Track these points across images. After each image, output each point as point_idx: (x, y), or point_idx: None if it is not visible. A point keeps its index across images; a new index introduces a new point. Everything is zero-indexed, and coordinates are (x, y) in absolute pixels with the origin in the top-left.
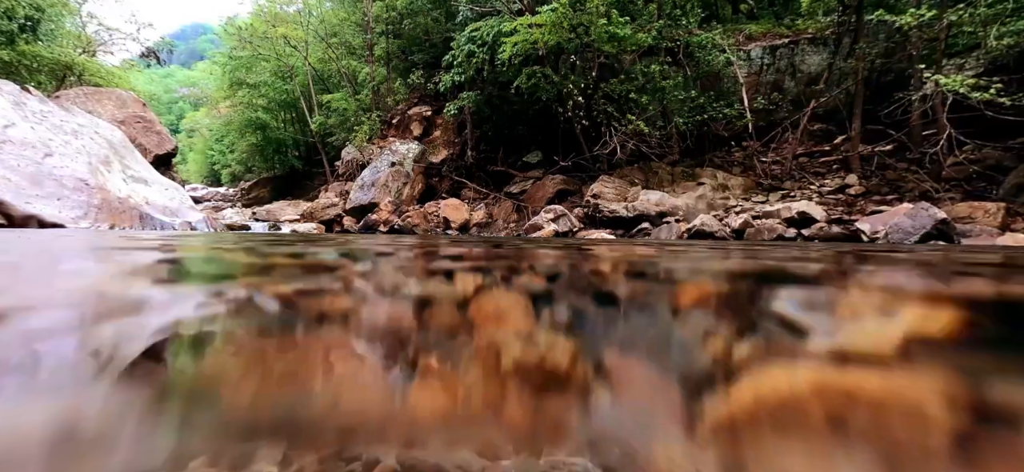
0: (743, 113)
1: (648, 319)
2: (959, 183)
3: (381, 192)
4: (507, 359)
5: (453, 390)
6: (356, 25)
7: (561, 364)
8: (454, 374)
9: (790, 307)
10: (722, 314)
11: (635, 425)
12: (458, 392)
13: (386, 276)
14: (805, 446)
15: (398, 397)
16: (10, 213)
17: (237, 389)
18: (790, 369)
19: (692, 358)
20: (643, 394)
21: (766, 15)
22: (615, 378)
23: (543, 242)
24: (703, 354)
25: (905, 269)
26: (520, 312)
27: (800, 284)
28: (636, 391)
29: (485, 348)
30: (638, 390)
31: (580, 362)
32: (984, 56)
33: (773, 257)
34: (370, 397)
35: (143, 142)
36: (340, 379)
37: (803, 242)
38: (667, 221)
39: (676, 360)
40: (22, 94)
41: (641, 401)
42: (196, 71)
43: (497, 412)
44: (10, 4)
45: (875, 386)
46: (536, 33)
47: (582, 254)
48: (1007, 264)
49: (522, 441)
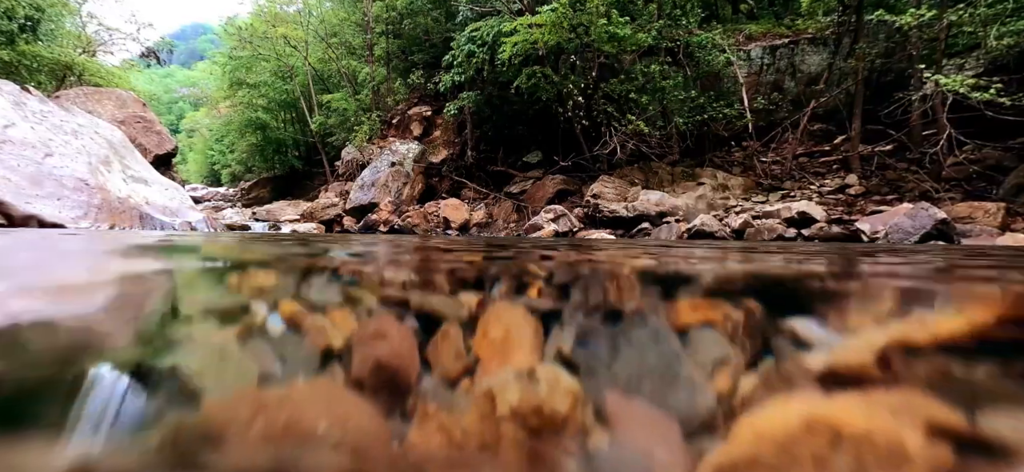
0: (743, 113)
1: (644, 338)
2: (959, 183)
3: (381, 192)
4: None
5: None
6: (356, 25)
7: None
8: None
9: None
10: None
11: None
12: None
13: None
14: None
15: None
16: (10, 213)
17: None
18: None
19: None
20: (640, 432)
21: (766, 15)
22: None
23: (543, 241)
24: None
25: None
26: (510, 325)
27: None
28: (633, 428)
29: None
30: (635, 428)
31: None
32: (984, 56)
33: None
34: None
35: (143, 142)
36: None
37: (803, 242)
38: (667, 221)
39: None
40: (22, 94)
41: (638, 438)
42: (196, 71)
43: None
44: (10, 4)
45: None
46: (536, 33)
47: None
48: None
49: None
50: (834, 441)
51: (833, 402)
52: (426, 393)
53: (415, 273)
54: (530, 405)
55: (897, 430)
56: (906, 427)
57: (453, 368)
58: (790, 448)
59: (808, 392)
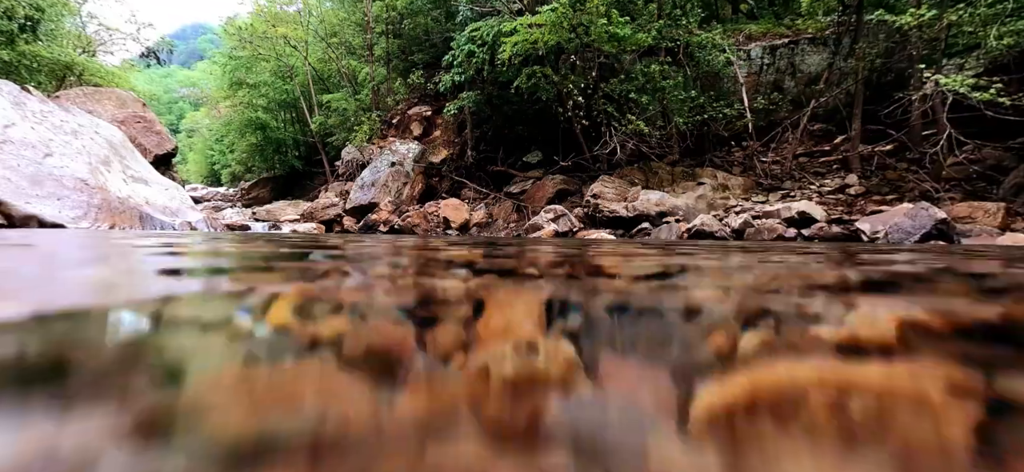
0: (743, 113)
1: (645, 318)
2: (959, 183)
3: (381, 192)
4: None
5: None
6: (356, 25)
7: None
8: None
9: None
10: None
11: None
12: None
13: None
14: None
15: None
16: (10, 213)
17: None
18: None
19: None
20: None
21: (766, 15)
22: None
23: (544, 241)
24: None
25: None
26: (511, 303)
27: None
28: (628, 387)
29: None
30: (631, 388)
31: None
32: (984, 56)
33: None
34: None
35: (143, 142)
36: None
37: (803, 242)
38: (667, 221)
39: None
40: (22, 94)
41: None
42: (196, 71)
43: (481, 411)
44: (10, 4)
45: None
46: (536, 33)
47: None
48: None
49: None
50: (849, 391)
51: (848, 363)
52: (420, 368)
53: (414, 269)
54: (525, 371)
55: (919, 387)
56: (928, 385)
57: (450, 352)
58: (798, 396)
59: (820, 356)
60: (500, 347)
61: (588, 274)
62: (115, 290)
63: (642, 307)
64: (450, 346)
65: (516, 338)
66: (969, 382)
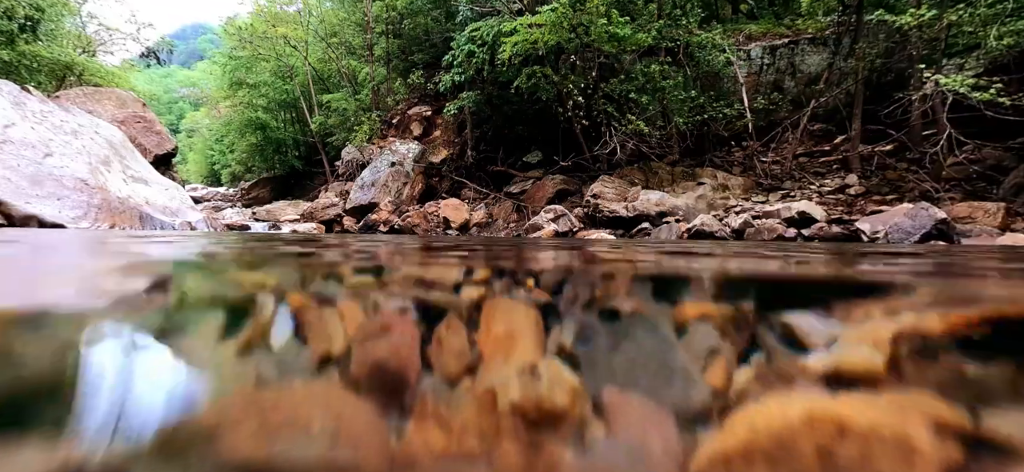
0: (743, 113)
1: (642, 333)
2: (959, 183)
3: (381, 192)
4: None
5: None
6: (356, 25)
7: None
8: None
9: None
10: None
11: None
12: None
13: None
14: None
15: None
16: (10, 213)
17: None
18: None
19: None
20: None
21: (766, 15)
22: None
23: (543, 242)
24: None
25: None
26: (509, 318)
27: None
28: (630, 422)
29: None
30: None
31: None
32: (984, 56)
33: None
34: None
35: (143, 142)
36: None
37: (803, 242)
38: (667, 221)
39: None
40: (22, 94)
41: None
42: (196, 71)
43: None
44: (10, 4)
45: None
46: (536, 33)
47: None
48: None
49: None
50: (839, 435)
51: (836, 400)
52: (426, 391)
53: (415, 271)
54: (531, 401)
55: (904, 426)
56: (913, 424)
57: (454, 367)
58: (790, 441)
59: (810, 390)
60: (502, 369)
61: (588, 281)
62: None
63: (634, 322)
64: (450, 362)
65: (515, 357)
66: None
